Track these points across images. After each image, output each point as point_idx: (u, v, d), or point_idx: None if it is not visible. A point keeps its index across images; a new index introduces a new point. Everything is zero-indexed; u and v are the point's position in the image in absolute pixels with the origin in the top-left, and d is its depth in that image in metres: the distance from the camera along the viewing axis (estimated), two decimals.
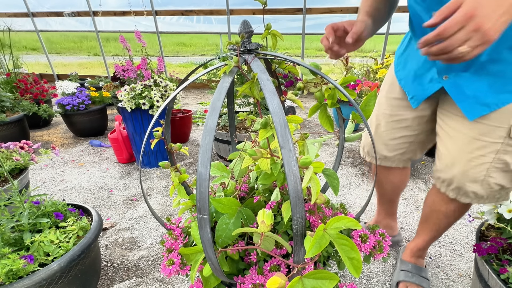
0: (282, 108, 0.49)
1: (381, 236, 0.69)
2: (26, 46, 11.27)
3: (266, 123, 0.54)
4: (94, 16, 4.59)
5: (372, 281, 1.25)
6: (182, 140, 2.83)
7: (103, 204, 1.83)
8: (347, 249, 0.46)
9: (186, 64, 8.50)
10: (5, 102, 2.54)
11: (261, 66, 0.56)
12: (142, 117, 2.09)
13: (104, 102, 3.07)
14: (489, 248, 0.85)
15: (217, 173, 0.80)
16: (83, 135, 2.98)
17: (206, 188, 0.47)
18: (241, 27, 0.63)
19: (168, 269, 0.63)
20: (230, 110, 0.97)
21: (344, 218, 0.47)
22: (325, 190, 0.90)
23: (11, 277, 0.88)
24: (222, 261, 0.62)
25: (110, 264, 1.36)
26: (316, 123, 3.37)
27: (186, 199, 0.77)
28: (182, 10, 4.38)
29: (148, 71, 2.09)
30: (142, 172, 2.23)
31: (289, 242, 0.65)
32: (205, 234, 0.49)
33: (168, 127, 0.78)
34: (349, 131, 0.75)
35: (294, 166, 0.45)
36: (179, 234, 0.71)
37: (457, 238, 1.51)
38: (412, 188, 1.97)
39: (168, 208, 1.78)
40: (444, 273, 1.29)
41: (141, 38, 2.11)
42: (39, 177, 2.17)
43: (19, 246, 1.01)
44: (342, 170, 2.23)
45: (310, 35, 4.21)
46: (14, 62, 3.29)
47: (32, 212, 1.08)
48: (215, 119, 0.50)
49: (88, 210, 1.26)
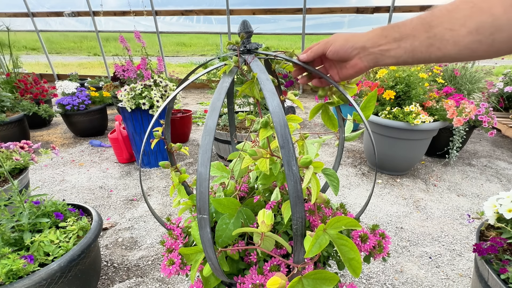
0: (282, 108, 0.49)
1: (381, 236, 0.69)
2: (26, 46, 11.27)
3: (266, 123, 0.54)
4: (94, 16, 4.59)
5: (372, 281, 1.25)
6: (182, 140, 2.83)
7: (103, 204, 1.83)
8: (347, 250, 0.46)
9: (186, 64, 8.50)
10: (5, 102, 2.54)
11: (261, 66, 0.56)
12: (142, 117, 2.09)
13: (104, 102, 3.07)
14: (489, 248, 0.85)
15: (217, 173, 0.80)
16: (83, 135, 2.98)
17: (206, 188, 0.47)
18: (241, 27, 0.63)
19: (168, 269, 0.63)
20: (230, 110, 0.97)
21: (344, 218, 0.47)
22: (325, 190, 0.90)
23: (11, 277, 0.88)
24: (222, 261, 0.62)
25: (110, 264, 1.36)
26: (316, 123, 3.37)
27: (186, 199, 0.77)
28: (182, 10, 4.38)
29: (148, 71, 2.09)
30: (142, 172, 2.23)
31: (289, 242, 0.65)
32: (205, 234, 0.49)
33: (168, 127, 0.78)
34: (348, 130, 0.75)
35: (294, 166, 0.45)
36: (179, 234, 0.71)
37: (457, 238, 1.51)
38: (412, 188, 1.97)
39: (168, 208, 1.78)
40: (444, 273, 1.29)
41: (140, 38, 2.11)
42: (39, 177, 2.17)
43: (19, 246, 1.01)
44: (342, 170, 2.23)
45: (310, 35, 4.21)
46: (14, 62, 3.28)
47: (32, 212, 1.08)
48: (215, 119, 0.50)
49: (88, 210, 1.26)
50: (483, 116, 2.02)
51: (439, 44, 0.42)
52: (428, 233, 1.54)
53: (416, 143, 1.97)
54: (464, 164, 2.32)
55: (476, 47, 0.40)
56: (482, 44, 0.40)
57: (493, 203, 0.91)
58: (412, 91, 2.00)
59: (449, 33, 0.41)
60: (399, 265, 1.34)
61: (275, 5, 4.10)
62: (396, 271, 1.30)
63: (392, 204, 1.80)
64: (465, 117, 1.88)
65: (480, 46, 0.40)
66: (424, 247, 1.44)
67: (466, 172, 2.19)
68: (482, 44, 0.40)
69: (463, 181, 2.07)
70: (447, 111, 1.89)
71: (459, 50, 0.41)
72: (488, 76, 2.76)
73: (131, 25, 4.60)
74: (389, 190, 1.95)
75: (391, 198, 1.86)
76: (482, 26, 0.39)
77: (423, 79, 2.04)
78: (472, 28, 0.39)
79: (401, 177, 2.11)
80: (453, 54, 0.42)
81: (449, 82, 2.54)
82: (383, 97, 2.04)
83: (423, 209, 1.74)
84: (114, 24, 4.75)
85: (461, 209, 1.75)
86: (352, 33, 0.52)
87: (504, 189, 1.98)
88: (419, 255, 1.40)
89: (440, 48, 0.42)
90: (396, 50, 0.46)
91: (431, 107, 1.99)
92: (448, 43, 0.41)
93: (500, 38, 0.38)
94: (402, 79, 2.04)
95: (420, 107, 1.93)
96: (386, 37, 0.47)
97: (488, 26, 0.38)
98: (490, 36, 0.39)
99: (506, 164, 2.32)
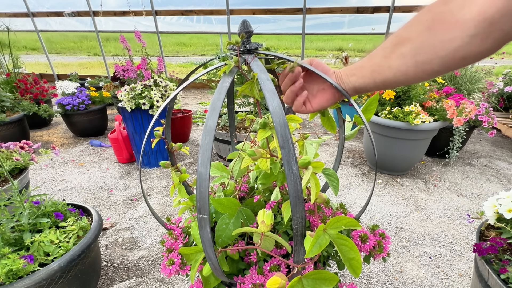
0: (282, 108, 0.49)
1: (381, 236, 0.69)
2: (26, 46, 11.27)
3: (265, 123, 0.54)
4: (94, 16, 4.59)
5: (372, 281, 1.25)
6: (182, 140, 2.83)
7: (103, 204, 1.83)
8: (347, 250, 0.46)
9: (186, 64, 8.49)
10: (5, 102, 2.54)
11: (261, 65, 0.56)
12: (142, 117, 2.09)
13: (104, 102, 3.07)
14: (489, 248, 0.85)
15: (217, 173, 0.80)
16: (83, 135, 2.98)
17: (206, 188, 0.47)
18: (241, 27, 0.63)
19: (168, 269, 0.63)
20: (230, 110, 0.97)
21: (344, 218, 0.47)
22: (325, 190, 0.90)
23: (11, 277, 0.88)
24: (222, 261, 0.62)
25: (110, 264, 1.36)
26: (316, 123, 3.37)
27: (186, 199, 0.77)
28: (182, 10, 4.37)
29: (148, 71, 2.09)
30: (142, 172, 2.23)
31: (289, 242, 0.65)
32: (205, 234, 0.49)
33: (169, 127, 0.78)
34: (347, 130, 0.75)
35: (294, 166, 0.45)
36: (179, 234, 0.71)
37: (457, 238, 1.51)
38: (412, 188, 1.97)
39: (168, 208, 1.78)
40: (444, 273, 1.29)
41: (141, 38, 2.11)
42: (39, 177, 2.17)
43: (19, 246, 1.01)
44: (342, 170, 2.23)
45: (310, 35, 4.21)
46: (14, 62, 3.28)
47: (32, 212, 1.08)
48: (215, 119, 0.50)
49: (88, 210, 1.26)
50: (483, 116, 2.02)
51: (379, 69, 0.50)
52: (428, 233, 1.54)
53: (416, 143, 1.97)
54: (464, 164, 2.32)
55: (405, 69, 0.46)
56: (409, 66, 0.46)
57: (493, 203, 0.91)
58: (412, 91, 2.00)
59: (384, 60, 0.49)
60: (399, 265, 1.34)
61: (275, 5, 4.10)
62: (396, 271, 1.30)
63: (392, 204, 1.80)
64: (465, 117, 1.88)
65: (408, 68, 0.46)
66: (424, 247, 1.44)
67: (466, 172, 2.19)
68: (409, 66, 0.46)
69: (463, 181, 2.07)
70: (447, 111, 1.89)
71: (394, 74, 0.48)
72: (488, 76, 2.76)
73: (131, 25, 4.60)
74: (389, 190, 1.95)
75: (391, 198, 1.86)
76: (405, 50, 0.45)
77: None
78: (398, 53, 0.46)
79: (401, 177, 2.11)
80: (390, 77, 0.49)
81: (449, 82, 2.55)
82: (383, 97, 2.04)
83: (423, 209, 1.74)
84: (114, 24, 4.74)
85: (461, 209, 1.75)
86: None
87: (504, 189, 1.98)
88: (419, 255, 1.40)
89: (380, 72, 0.50)
90: (352, 77, 0.55)
91: (431, 107, 1.99)
92: (384, 68, 0.49)
93: (421, 59, 0.44)
94: None
95: (420, 107, 1.93)
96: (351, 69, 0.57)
97: (409, 50, 0.45)
98: (413, 58, 0.45)
99: (506, 164, 2.32)
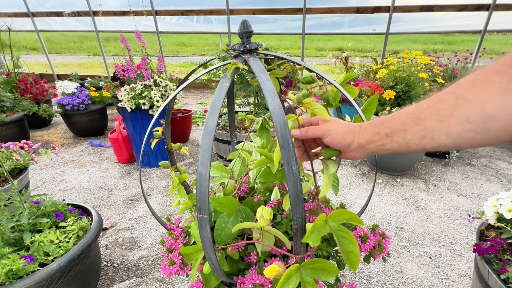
0: (282, 108, 0.49)
1: (381, 236, 0.69)
2: (26, 46, 11.26)
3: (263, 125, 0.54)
4: (94, 16, 4.59)
5: (372, 281, 1.25)
6: (182, 140, 2.83)
7: (103, 204, 1.83)
8: (346, 242, 0.45)
9: (186, 64, 8.49)
10: (5, 102, 2.54)
11: (261, 65, 0.56)
12: (142, 117, 2.09)
13: (104, 102, 3.07)
14: (489, 248, 0.85)
15: (217, 173, 0.80)
16: (83, 135, 2.98)
17: (206, 188, 0.47)
18: (241, 27, 0.63)
19: (168, 269, 0.63)
20: (230, 110, 0.97)
21: (346, 212, 0.46)
22: None
23: (11, 277, 0.88)
24: (222, 261, 0.62)
25: (110, 264, 1.36)
26: None
27: (186, 199, 0.77)
28: (182, 10, 4.37)
29: (148, 71, 2.09)
30: (142, 172, 2.23)
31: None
32: (205, 234, 0.49)
33: (168, 127, 0.78)
34: None
35: (294, 166, 0.45)
36: (179, 234, 0.71)
37: (457, 238, 1.51)
38: (412, 188, 1.97)
39: (168, 208, 1.78)
40: (444, 273, 1.29)
41: (141, 38, 2.11)
42: (39, 177, 2.17)
43: (19, 246, 1.01)
44: (342, 170, 2.23)
45: (310, 35, 4.20)
46: (14, 62, 3.28)
47: (32, 212, 1.08)
48: (215, 119, 0.50)
49: (88, 210, 1.26)
50: None
51: (431, 135, 0.41)
52: (428, 233, 1.54)
53: None
54: (464, 164, 2.32)
55: (471, 136, 0.39)
56: (477, 133, 0.38)
57: (493, 203, 0.92)
58: (412, 91, 2.00)
59: (440, 124, 0.40)
60: (399, 265, 1.34)
61: (275, 5, 4.10)
62: (396, 271, 1.30)
63: (392, 204, 1.80)
64: None
65: (475, 135, 0.38)
66: (424, 247, 1.44)
67: (466, 172, 2.19)
68: (477, 133, 0.38)
69: (463, 181, 2.07)
70: None
71: (454, 140, 0.40)
72: None
73: (131, 25, 4.59)
74: (389, 190, 1.95)
75: (391, 198, 1.86)
76: (471, 116, 0.37)
77: (423, 79, 2.04)
78: (461, 118, 0.38)
79: (401, 177, 2.11)
80: (448, 143, 0.41)
81: (449, 82, 2.54)
82: (383, 97, 2.04)
83: (423, 209, 1.74)
84: (114, 24, 4.74)
85: (461, 209, 1.75)
86: (348, 125, 0.51)
87: (504, 189, 1.98)
88: (419, 255, 1.40)
89: (434, 139, 0.41)
90: (390, 144, 0.46)
91: None
92: (441, 133, 0.40)
93: (495, 127, 0.37)
94: (402, 79, 2.04)
95: None
96: (378, 134, 0.47)
97: (477, 116, 0.37)
98: (483, 125, 0.37)
99: (506, 164, 2.32)
